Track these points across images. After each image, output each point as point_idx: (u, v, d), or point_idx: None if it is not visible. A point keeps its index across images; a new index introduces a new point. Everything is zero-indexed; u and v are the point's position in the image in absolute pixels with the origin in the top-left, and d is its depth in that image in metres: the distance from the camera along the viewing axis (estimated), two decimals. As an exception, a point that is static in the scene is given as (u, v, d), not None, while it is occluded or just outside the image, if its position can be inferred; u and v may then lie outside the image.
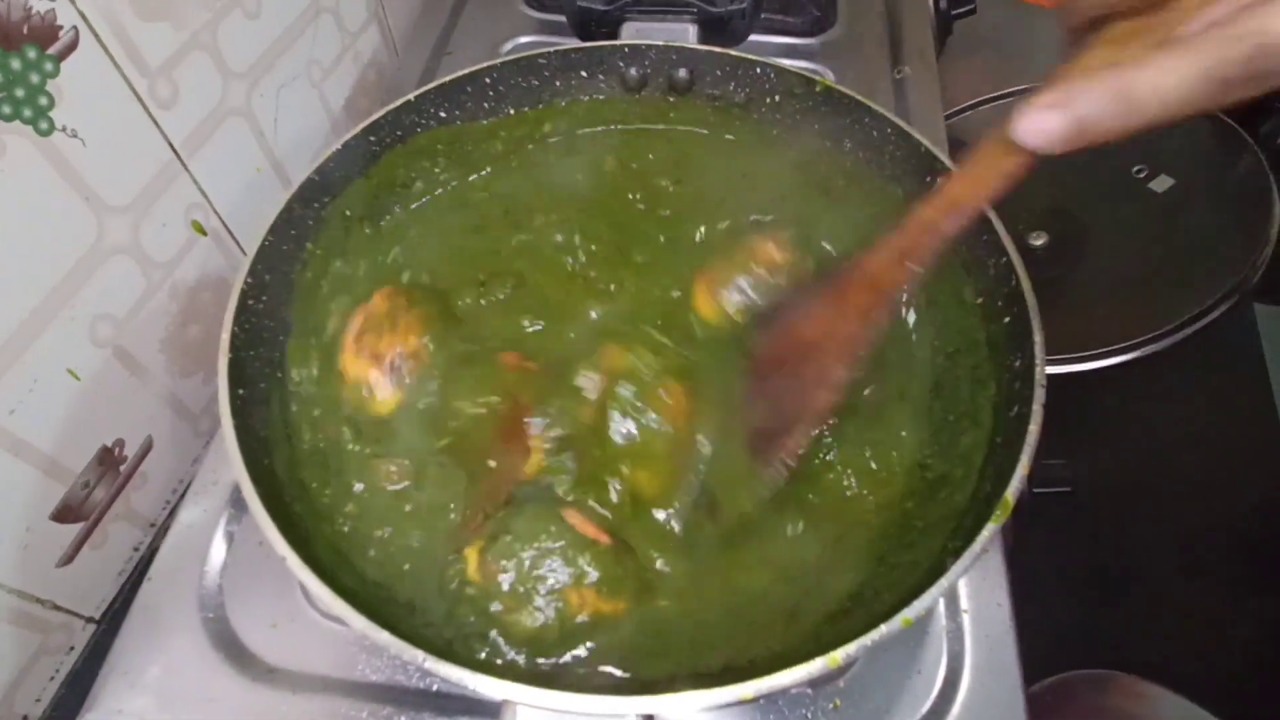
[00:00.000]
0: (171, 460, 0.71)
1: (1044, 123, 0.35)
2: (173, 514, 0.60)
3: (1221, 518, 0.93)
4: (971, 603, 0.56)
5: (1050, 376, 0.49)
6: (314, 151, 0.63)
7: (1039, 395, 0.48)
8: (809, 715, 0.52)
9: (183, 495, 0.62)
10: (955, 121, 1.06)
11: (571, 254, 0.66)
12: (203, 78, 0.67)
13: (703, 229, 0.68)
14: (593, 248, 0.67)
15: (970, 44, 1.13)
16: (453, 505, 0.54)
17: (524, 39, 0.95)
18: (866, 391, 0.58)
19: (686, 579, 0.51)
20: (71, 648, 0.63)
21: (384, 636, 0.40)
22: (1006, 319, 0.55)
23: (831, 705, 0.52)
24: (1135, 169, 1.01)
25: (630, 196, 0.71)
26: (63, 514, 0.60)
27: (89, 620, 0.64)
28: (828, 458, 0.56)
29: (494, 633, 0.47)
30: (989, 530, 0.43)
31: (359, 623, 0.40)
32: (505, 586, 0.47)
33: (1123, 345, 0.86)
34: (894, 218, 0.47)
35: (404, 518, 0.54)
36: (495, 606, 0.47)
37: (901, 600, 0.41)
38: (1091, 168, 1.01)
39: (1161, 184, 0.99)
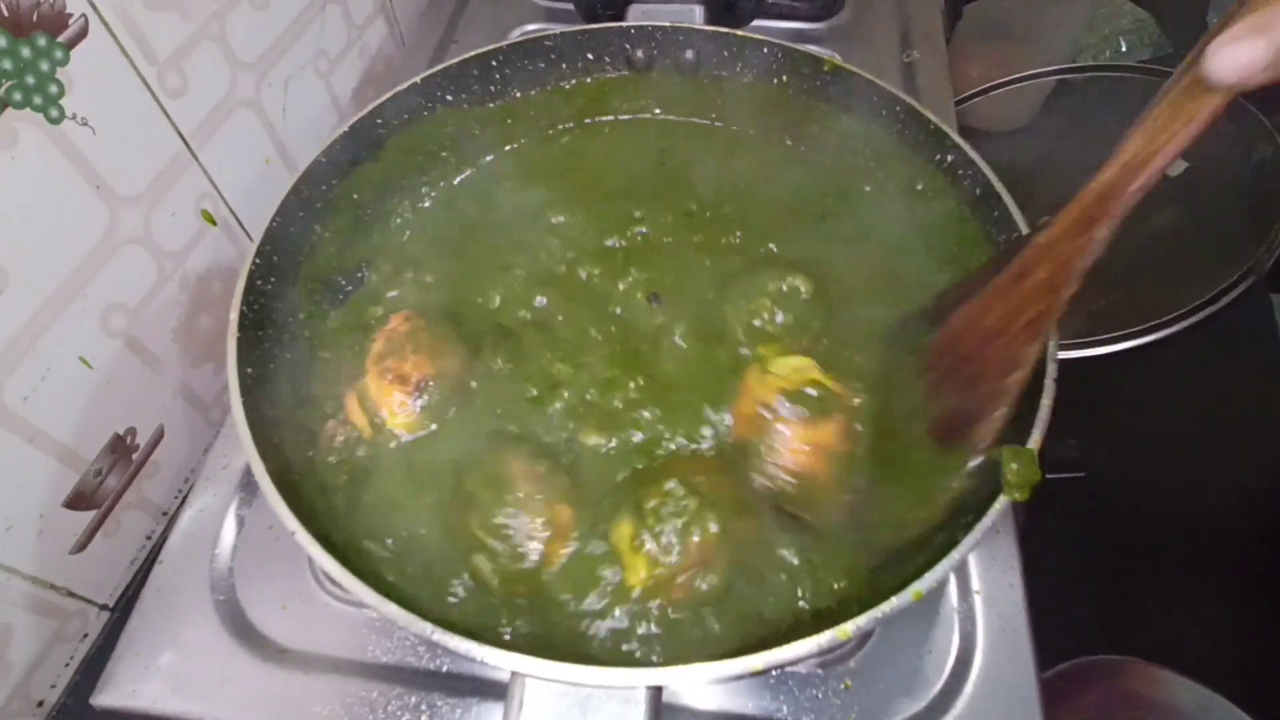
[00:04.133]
0: (183, 449, 0.71)
1: (1243, 53, 0.32)
2: (184, 503, 0.61)
3: (1236, 503, 0.92)
4: (983, 583, 0.55)
5: (1062, 362, 0.48)
6: (322, 143, 0.64)
7: (1051, 369, 0.48)
8: (819, 695, 0.51)
9: (194, 484, 0.62)
10: (965, 107, 1.05)
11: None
12: (212, 68, 0.67)
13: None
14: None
15: (979, 29, 1.12)
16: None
17: (531, 26, 0.96)
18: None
19: None
20: (86, 634, 0.63)
21: (393, 609, 0.40)
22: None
23: (842, 685, 0.51)
24: (1148, 152, 0.99)
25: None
26: (75, 501, 0.60)
27: (103, 607, 0.65)
28: None
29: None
30: (1001, 503, 0.43)
31: (369, 597, 0.40)
32: None
33: (1135, 330, 0.85)
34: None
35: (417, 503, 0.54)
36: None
37: (913, 573, 0.41)
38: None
39: (1175, 167, 0.98)
